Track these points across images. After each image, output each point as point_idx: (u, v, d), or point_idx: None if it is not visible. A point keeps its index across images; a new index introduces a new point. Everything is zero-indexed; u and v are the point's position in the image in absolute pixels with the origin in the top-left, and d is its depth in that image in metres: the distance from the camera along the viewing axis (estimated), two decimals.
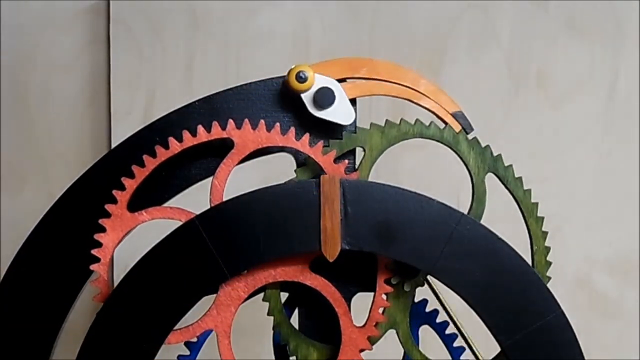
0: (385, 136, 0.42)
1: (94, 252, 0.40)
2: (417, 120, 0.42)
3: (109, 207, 0.40)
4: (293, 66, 0.41)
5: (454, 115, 0.43)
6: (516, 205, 0.43)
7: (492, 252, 0.40)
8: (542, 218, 0.43)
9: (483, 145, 0.42)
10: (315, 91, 0.41)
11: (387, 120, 0.42)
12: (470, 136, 0.42)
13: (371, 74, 0.42)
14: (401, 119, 0.42)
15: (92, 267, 0.40)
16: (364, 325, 0.41)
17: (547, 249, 0.43)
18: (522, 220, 0.43)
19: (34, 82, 0.70)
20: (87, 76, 0.70)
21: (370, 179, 0.41)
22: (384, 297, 0.42)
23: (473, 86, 0.70)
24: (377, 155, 0.42)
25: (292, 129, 0.41)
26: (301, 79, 0.41)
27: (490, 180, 0.42)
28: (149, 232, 0.40)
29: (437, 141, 0.42)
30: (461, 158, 0.42)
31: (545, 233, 0.43)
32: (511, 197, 0.43)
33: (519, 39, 0.71)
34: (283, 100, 0.42)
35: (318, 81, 0.41)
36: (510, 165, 0.43)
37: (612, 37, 0.71)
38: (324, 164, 0.41)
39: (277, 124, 0.41)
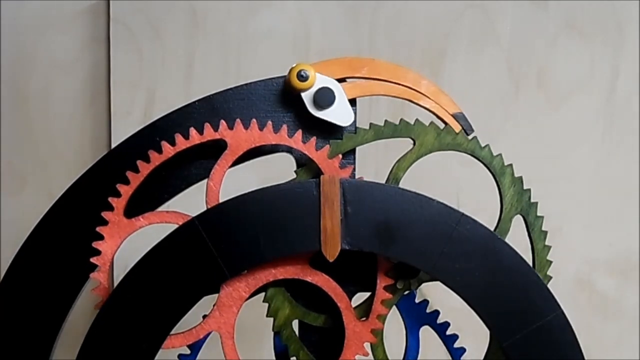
0: (440, 139, 0.42)
1: (93, 260, 0.40)
2: (475, 137, 0.42)
3: (105, 214, 0.40)
4: (294, 65, 0.41)
5: (454, 116, 0.42)
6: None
7: (492, 252, 0.40)
8: (542, 217, 0.43)
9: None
10: (316, 91, 0.41)
11: (447, 125, 0.42)
12: (470, 137, 0.42)
13: (372, 73, 0.42)
14: (460, 130, 0.42)
15: (92, 275, 0.40)
16: (367, 318, 0.41)
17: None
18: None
19: (34, 82, 0.70)
20: (87, 76, 0.70)
21: (370, 179, 0.41)
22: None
23: (473, 86, 0.70)
24: (424, 153, 0.42)
25: (285, 126, 0.41)
26: (302, 77, 0.41)
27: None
28: (149, 233, 0.40)
29: (484, 165, 0.42)
30: (499, 189, 0.42)
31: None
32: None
33: (519, 39, 0.71)
34: (283, 101, 0.42)
35: (319, 80, 0.41)
36: (542, 216, 0.42)
37: (612, 37, 0.71)
38: (318, 159, 0.41)
39: (270, 122, 0.41)
